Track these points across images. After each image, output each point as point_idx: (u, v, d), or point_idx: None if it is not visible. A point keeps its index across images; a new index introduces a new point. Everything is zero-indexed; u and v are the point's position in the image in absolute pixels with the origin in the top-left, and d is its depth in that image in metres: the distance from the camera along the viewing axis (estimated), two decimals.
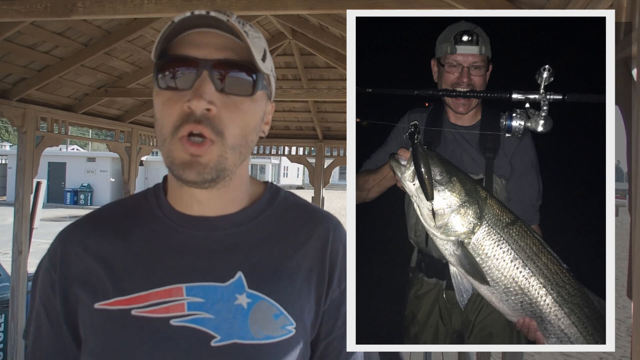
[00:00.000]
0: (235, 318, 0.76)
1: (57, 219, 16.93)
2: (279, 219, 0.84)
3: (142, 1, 1.99)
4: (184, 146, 0.71)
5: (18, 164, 3.64)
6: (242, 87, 0.74)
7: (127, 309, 0.76)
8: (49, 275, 0.81)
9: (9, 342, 3.62)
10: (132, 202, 0.87)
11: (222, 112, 0.72)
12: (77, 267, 0.79)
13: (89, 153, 26.30)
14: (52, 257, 0.82)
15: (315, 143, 5.52)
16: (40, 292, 0.82)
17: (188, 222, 0.80)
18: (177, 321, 0.75)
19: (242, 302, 0.77)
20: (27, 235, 3.68)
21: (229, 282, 0.77)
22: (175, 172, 0.73)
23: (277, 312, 0.78)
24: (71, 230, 0.84)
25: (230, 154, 0.74)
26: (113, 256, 0.79)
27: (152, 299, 0.76)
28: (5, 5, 2.12)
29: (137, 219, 0.82)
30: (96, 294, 0.77)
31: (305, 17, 3.69)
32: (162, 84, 0.73)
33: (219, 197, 0.80)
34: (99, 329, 0.76)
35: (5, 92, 3.48)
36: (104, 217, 0.84)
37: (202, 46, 0.73)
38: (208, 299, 0.76)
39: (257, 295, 0.77)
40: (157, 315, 0.75)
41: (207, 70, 0.71)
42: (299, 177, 44.06)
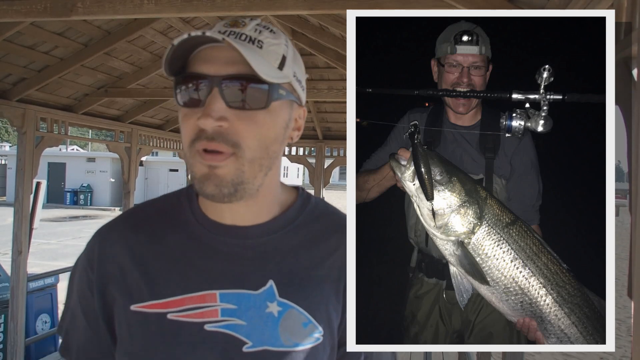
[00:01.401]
0: (266, 325, 0.78)
1: (56, 219, 16.93)
2: (310, 228, 0.85)
3: (142, 1, 1.99)
4: (202, 157, 0.72)
5: (18, 164, 3.64)
6: (254, 100, 0.73)
7: (163, 313, 0.78)
8: (86, 275, 0.83)
9: (9, 342, 3.62)
10: (165, 203, 0.88)
11: (237, 125, 0.72)
12: (113, 268, 0.81)
13: (89, 153, 26.31)
14: (89, 257, 0.84)
15: (315, 143, 5.52)
16: (78, 290, 0.85)
17: (221, 229, 0.81)
18: (211, 326, 0.77)
19: (272, 310, 0.79)
20: (27, 236, 3.68)
21: (261, 290, 0.79)
22: (197, 186, 0.74)
23: (306, 321, 0.80)
24: (108, 230, 0.86)
25: (249, 167, 0.74)
26: (148, 259, 0.81)
27: (187, 303, 0.78)
28: (5, 5, 2.12)
29: (171, 223, 0.83)
30: (132, 295, 0.79)
31: (305, 18, 3.69)
32: (179, 100, 0.75)
33: (247, 207, 0.80)
34: (135, 331, 0.79)
35: (5, 93, 3.48)
36: (138, 218, 0.86)
37: (213, 61, 0.73)
38: (240, 306, 0.78)
39: (288, 303, 0.79)
40: (192, 320, 0.77)
41: (217, 87, 0.71)
42: (299, 177, 44.08)
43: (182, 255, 0.80)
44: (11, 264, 3.63)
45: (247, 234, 0.81)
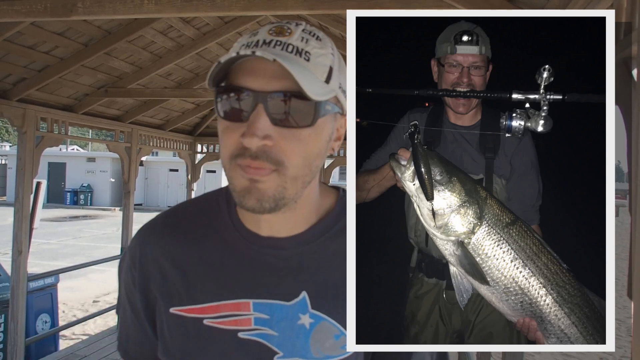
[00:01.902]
0: (298, 337, 0.79)
1: (57, 219, 16.93)
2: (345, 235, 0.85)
3: (142, 1, 1.99)
4: (243, 170, 0.70)
5: (18, 164, 3.64)
6: (301, 118, 0.70)
7: (200, 318, 0.79)
8: (130, 272, 0.86)
9: (9, 342, 3.62)
10: (205, 203, 0.87)
11: (281, 144, 0.70)
12: (153, 269, 0.83)
13: (89, 153, 26.31)
14: (132, 255, 0.86)
15: None
16: (125, 285, 0.88)
17: (257, 239, 0.81)
18: (244, 334, 0.79)
19: (304, 322, 0.79)
20: (27, 236, 3.69)
21: (294, 301, 0.79)
22: (236, 199, 0.73)
23: (338, 333, 0.80)
24: (148, 231, 0.87)
25: (291, 184, 0.72)
26: (186, 262, 0.82)
27: (222, 310, 0.79)
28: (5, 5, 2.12)
29: (209, 226, 0.84)
30: (171, 298, 0.81)
31: (305, 18, 3.69)
32: (221, 112, 0.72)
33: (285, 219, 0.79)
34: (175, 332, 0.81)
35: (5, 92, 3.48)
36: (178, 218, 0.87)
37: (258, 75, 0.69)
38: (273, 316, 0.79)
39: (320, 315, 0.80)
40: (227, 327, 0.79)
41: (263, 103, 0.68)
42: None
43: (218, 262, 0.81)
44: (11, 263, 3.63)
45: (283, 245, 0.80)
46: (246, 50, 0.68)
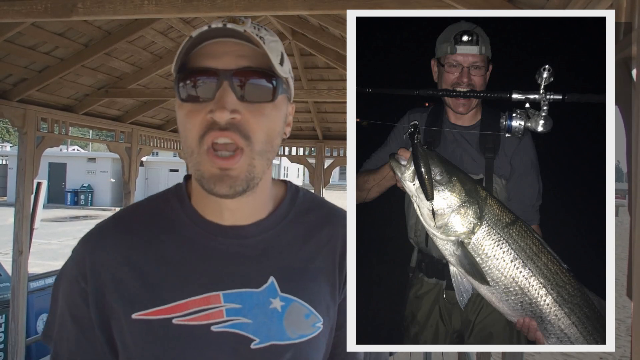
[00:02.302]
0: (272, 321, 0.80)
1: (57, 219, 16.94)
2: (302, 221, 0.87)
3: (142, 2, 1.99)
4: (212, 160, 0.72)
5: (18, 164, 3.64)
6: (263, 94, 0.75)
7: (167, 319, 0.77)
8: (77, 285, 0.80)
9: (10, 342, 3.62)
10: (152, 205, 0.86)
11: (248, 118, 0.73)
12: (109, 278, 0.79)
13: (90, 153, 26.31)
14: (79, 266, 0.81)
15: (315, 143, 5.52)
16: (67, 299, 0.82)
17: (219, 230, 0.81)
18: (217, 327, 0.78)
19: (276, 306, 0.80)
20: (28, 236, 3.69)
21: (263, 287, 0.80)
22: (206, 186, 0.74)
23: (307, 312, 0.82)
24: (98, 238, 0.83)
25: (258, 161, 0.75)
26: (145, 265, 0.79)
27: (191, 307, 0.78)
28: (5, 6, 2.12)
29: (164, 225, 0.82)
30: (133, 304, 0.78)
31: (305, 18, 3.69)
32: (183, 95, 0.74)
33: (247, 204, 0.81)
34: (140, 339, 0.78)
35: (6, 93, 3.48)
36: (127, 222, 0.84)
37: (220, 56, 0.74)
38: (245, 304, 0.79)
39: (289, 297, 0.81)
40: (198, 322, 0.78)
41: (228, 80, 0.72)
42: (299, 177, 44.05)
43: (180, 259, 0.79)
44: (12, 264, 3.63)
45: (246, 233, 0.81)
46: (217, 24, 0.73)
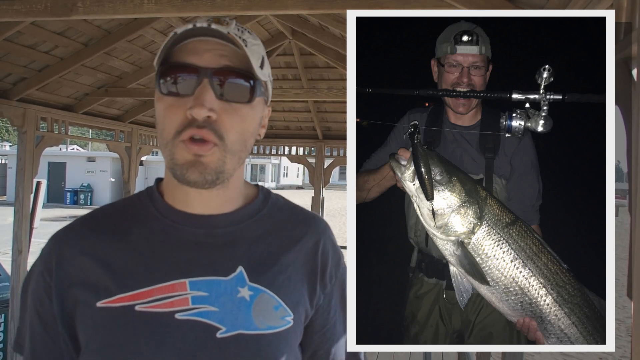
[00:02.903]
0: (240, 310, 0.79)
1: (57, 218, 16.93)
2: (275, 217, 0.88)
3: (142, 1, 1.99)
4: (187, 146, 0.74)
5: (18, 163, 3.64)
6: (241, 94, 0.76)
7: (130, 305, 0.76)
8: (42, 280, 0.80)
9: (9, 342, 3.62)
10: (124, 204, 0.88)
11: (223, 118, 0.75)
12: (74, 270, 0.79)
13: (89, 153, 26.30)
14: (46, 261, 0.81)
15: (315, 143, 5.52)
16: (33, 296, 0.81)
17: (188, 219, 0.81)
18: (182, 315, 0.77)
19: (244, 295, 0.79)
20: (27, 235, 3.68)
21: (231, 275, 0.80)
22: (178, 172, 0.75)
23: (276, 304, 0.81)
24: (65, 233, 0.83)
25: (230, 159, 0.76)
26: (112, 256, 0.79)
27: (155, 294, 0.77)
28: (5, 5, 2.12)
29: (133, 219, 0.83)
30: (98, 293, 0.77)
31: (305, 17, 3.69)
32: (164, 89, 0.76)
33: (217, 196, 0.82)
34: (102, 327, 0.77)
35: (5, 92, 3.48)
36: (98, 219, 0.85)
37: (202, 54, 0.75)
38: (212, 292, 0.78)
39: (258, 287, 0.81)
40: (162, 309, 0.77)
41: (208, 78, 0.74)
42: (299, 177, 44.05)
43: (147, 248, 0.80)
44: (11, 263, 3.63)
45: (215, 222, 0.82)
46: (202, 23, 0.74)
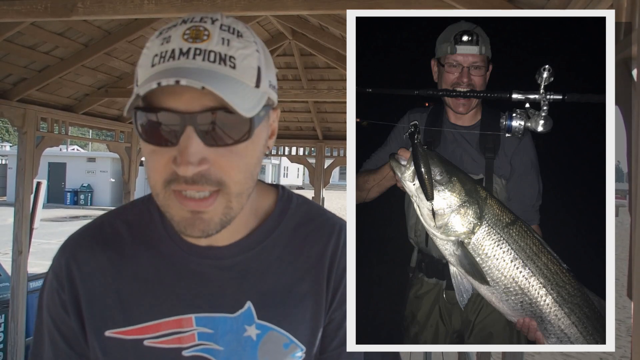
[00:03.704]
0: (245, 350, 0.76)
1: (57, 219, 16.93)
2: (290, 239, 0.79)
3: (142, 1, 1.99)
4: (182, 202, 0.64)
5: (18, 164, 3.64)
6: (236, 133, 0.63)
7: (139, 339, 0.74)
8: (58, 296, 0.77)
9: (9, 342, 3.62)
10: (135, 214, 0.80)
11: (220, 163, 0.63)
12: (84, 290, 0.76)
13: (89, 153, 26.30)
14: (58, 277, 0.78)
15: (315, 143, 5.52)
16: (51, 312, 0.78)
17: (195, 250, 0.75)
18: (188, 352, 0.75)
19: (251, 334, 0.76)
20: (27, 236, 3.68)
21: (238, 312, 0.75)
22: (176, 228, 0.67)
23: (287, 342, 0.77)
24: (75, 248, 0.79)
25: (236, 202, 0.66)
26: (120, 281, 0.76)
27: (163, 329, 0.75)
28: (5, 5, 2.12)
29: (142, 239, 0.78)
30: (105, 320, 0.75)
31: (306, 18, 3.69)
32: (144, 136, 0.63)
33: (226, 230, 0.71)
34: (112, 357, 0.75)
35: (6, 93, 3.48)
36: (107, 234, 0.79)
37: (182, 93, 0.61)
38: (217, 330, 0.75)
39: (267, 325, 0.76)
40: (169, 346, 0.74)
41: (192, 125, 0.61)
42: (299, 177, 44.06)
43: (155, 277, 0.76)
44: (12, 263, 3.63)
45: (223, 254, 0.75)
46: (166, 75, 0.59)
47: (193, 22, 0.65)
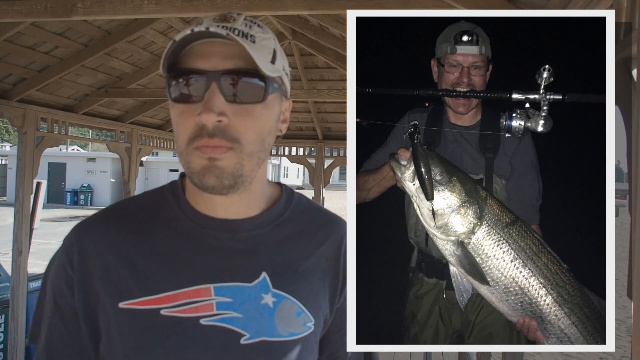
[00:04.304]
0: (263, 317, 0.79)
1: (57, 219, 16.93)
2: (297, 221, 0.87)
3: (142, 1, 1.99)
4: (202, 150, 0.72)
5: (18, 164, 3.64)
6: (252, 94, 0.74)
7: (156, 309, 0.76)
8: (64, 272, 0.79)
9: (9, 342, 3.62)
10: (148, 199, 0.85)
11: (235, 121, 0.72)
12: (96, 265, 0.78)
13: (89, 153, 26.30)
14: (68, 252, 0.79)
15: (315, 143, 5.52)
16: (53, 288, 0.80)
17: (212, 224, 0.80)
18: (206, 320, 0.77)
19: (268, 302, 0.79)
20: (27, 236, 3.68)
21: (255, 282, 0.79)
22: (196, 179, 0.73)
23: (299, 310, 0.82)
24: (89, 226, 0.82)
25: (247, 161, 0.74)
26: (136, 255, 0.78)
27: (180, 298, 0.76)
28: (5, 5, 2.12)
29: (157, 218, 0.82)
30: (120, 293, 0.77)
31: (305, 18, 3.69)
32: (174, 95, 0.74)
33: (240, 201, 0.80)
34: (126, 329, 0.76)
35: (6, 93, 3.48)
36: (121, 214, 0.83)
37: (209, 56, 0.73)
38: (236, 298, 0.78)
39: (281, 294, 0.80)
40: (187, 315, 0.76)
41: (216, 82, 0.71)
42: (299, 177, 44.07)
43: (172, 251, 0.79)
44: (11, 264, 3.63)
45: (238, 227, 0.81)
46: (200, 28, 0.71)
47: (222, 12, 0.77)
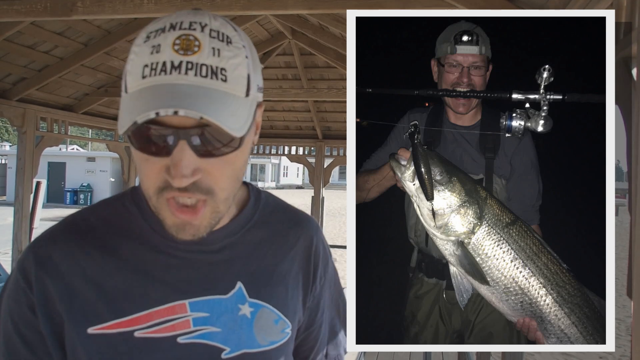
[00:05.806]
0: (242, 328, 0.77)
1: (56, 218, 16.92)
2: (268, 223, 0.84)
3: (141, 1, 1.99)
4: (173, 212, 0.66)
5: (18, 163, 3.64)
6: (228, 145, 0.65)
7: (129, 331, 0.71)
8: (24, 295, 0.71)
9: None
10: (109, 211, 0.78)
11: (211, 172, 0.66)
12: (59, 289, 0.71)
13: (89, 153, 26.29)
14: (26, 276, 0.72)
15: (315, 143, 5.52)
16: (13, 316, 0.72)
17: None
18: (184, 338, 0.73)
19: (245, 312, 0.77)
20: (27, 235, 3.69)
21: (231, 293, 0.77)
22: (168, 231, 0.68)
23: (276, 318, 0.80)
24: (47, 244, 0.74)
25: (223, 205, 0.69)
26: (102, 275, 0.72)
27: (155, 318, 0.72)
28: (5, 5, 2.12)
29: (121, 232, 0.75)
30: (88, 317, 0.71)
31: (305, 17, 3.69)
32: (137, 146, 0.65)
33: None
34: (96, 355, 0.71)
35: (5, 92, 3.48)
36: (81, 229, 0.76)
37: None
38: (213, 312, 0.75)
39: (258, 303, 0.79)
40: (163, 334, 0.72)
41: (185, 139, 0.62)
42: (298, 176, 44.06)
43: (140, 268, 0.73)
44: (11, 263, 3.64)
45: (209, 238, 0.74)
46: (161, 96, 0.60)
47: (182, 29, 0.65)
